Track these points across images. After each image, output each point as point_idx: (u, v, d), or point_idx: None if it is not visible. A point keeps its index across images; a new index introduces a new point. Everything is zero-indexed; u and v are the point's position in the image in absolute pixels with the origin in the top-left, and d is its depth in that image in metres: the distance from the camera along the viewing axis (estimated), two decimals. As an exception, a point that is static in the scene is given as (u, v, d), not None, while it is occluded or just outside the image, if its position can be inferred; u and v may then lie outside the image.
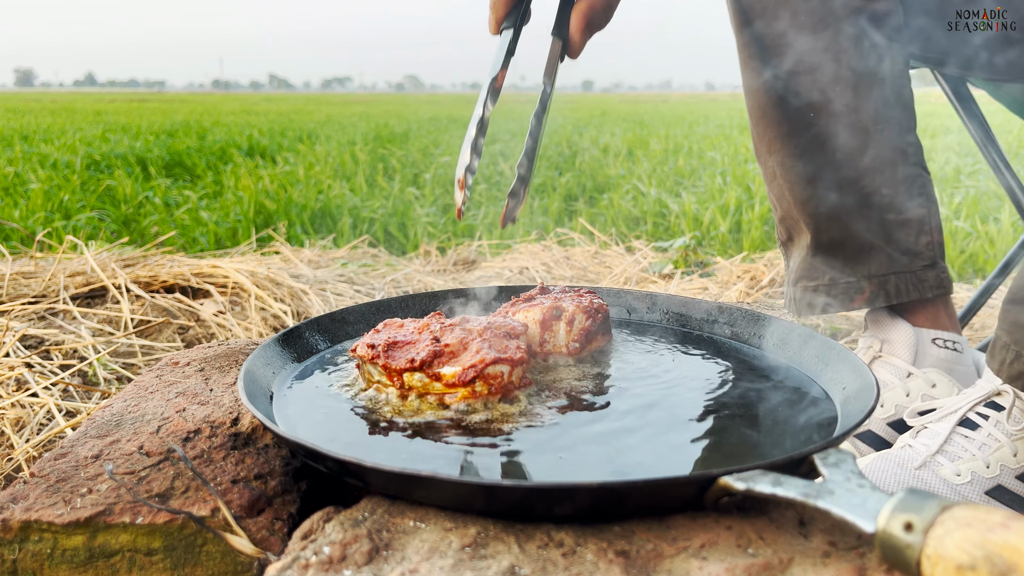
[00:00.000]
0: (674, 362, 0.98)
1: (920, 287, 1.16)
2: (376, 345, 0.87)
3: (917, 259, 1.16)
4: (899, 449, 1.01)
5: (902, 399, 1.14)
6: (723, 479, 0.61)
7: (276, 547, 0.68)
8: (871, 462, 1.01)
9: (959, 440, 0.98)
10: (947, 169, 4.99)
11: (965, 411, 0.99)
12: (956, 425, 0.99)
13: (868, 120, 1.12)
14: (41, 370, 1.42)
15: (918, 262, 1.16)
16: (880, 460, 1.00)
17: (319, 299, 1.95)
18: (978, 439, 0.97)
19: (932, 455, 0.97)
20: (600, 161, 5.99)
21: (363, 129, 10.13)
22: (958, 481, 0.95)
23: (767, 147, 1.21)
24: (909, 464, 0.98)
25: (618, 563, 0.59)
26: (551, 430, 0.77)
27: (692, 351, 1.03)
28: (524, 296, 1.03)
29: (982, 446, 0.97)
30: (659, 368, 0.96)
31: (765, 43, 1.15)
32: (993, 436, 0.97)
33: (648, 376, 0.93)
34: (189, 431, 0.83)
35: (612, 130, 9.44)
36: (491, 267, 2.45)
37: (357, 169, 5.43)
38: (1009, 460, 0.96)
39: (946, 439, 0.98)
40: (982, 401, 0.99)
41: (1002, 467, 0.96)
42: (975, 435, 0.97)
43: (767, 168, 1.23)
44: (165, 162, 6.21)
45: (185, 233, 3.45)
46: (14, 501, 0.70)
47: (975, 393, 1.01)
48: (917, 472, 0.97)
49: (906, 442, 1.01)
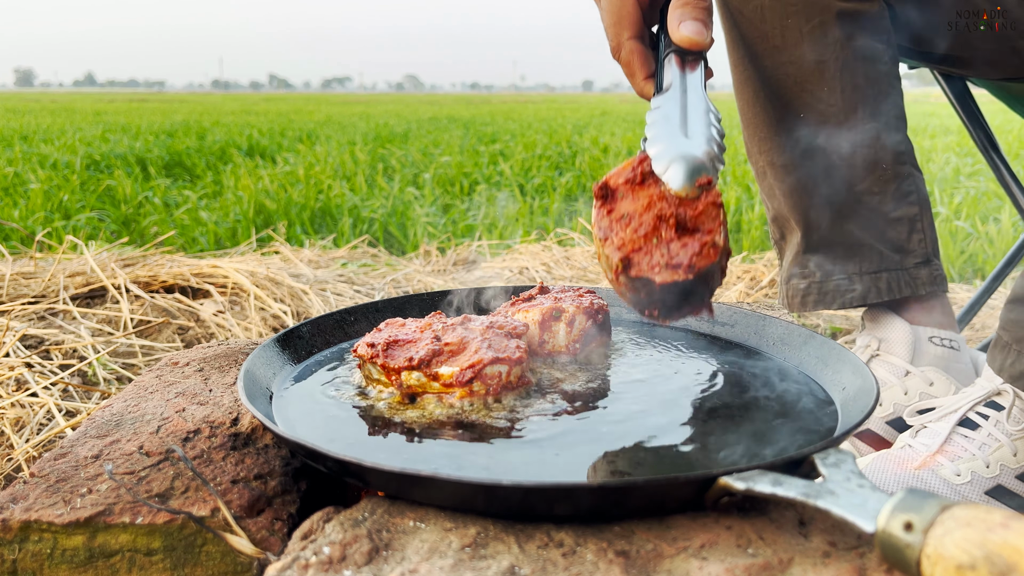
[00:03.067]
0: (674, 362, 0.98)
1: (913, 284, 1.16)
2: (376, 344, 0.87)
3: (909, 256, 1.17)
4: (899, 449, 1.01)
5: (900, 397, 1.15)
6: (723, 479, 0.61)
7: (276, 547, 0.68)
8: (871, 462, 1.01)
9: (959, 440, 0.98)
10: (947, 170, 4.99)
11: (965, 411, 0.99)
12: (956, 425, 0.99)
13: (857, 119, 1.13)
14: (41, 370, 1.42)
15: (910, 259, 1.17)
16: (880, 460, 1.00)
17: (319, 299, 1.95)
18: (978, 439, 0.97)
19: (932, 455, 0.98)
20: (600, 161, 5.99)
21: (363, 129, 10.13)
22: (958, 481, 0.95)
23: (757, 146, 1.22)
24: (909, 464, 0.98)
25: (618, 563, 0.59)
26: (551, 430, 0.77)
27: (692, 351, 1.03)
28: (524, 296, 1.03)
29: (982, 446, 0.97)
30: (659, 368, 0.96)
31: (753, 43, 1.15)
32: (993, 436, 0.97)
33: (648, 376, 0.93)
34: (189, 431, 0.83)
35: (612, 130, 9.43)
36: (491, 267, 2.45)
37: (357, 169, 5.43)
38: (1009, 460, 0.96)
39: (946, 439, 0.98)
40: (982, 401, 0.99)
41: (1002, 467, 0.96)
42: (975, 435, 0.97)
43: (758, 167, 1.24)
44: (165, 162, 6.21)
45: (185, 233, 3.45)
46: (14, 501, 0.70)
47: (975, 393, 1.01)
48: (917, 472, 0.97)
49: (906, 442, 1.01)
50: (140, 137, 8.42)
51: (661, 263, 0.68)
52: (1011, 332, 0.94)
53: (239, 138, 8.29)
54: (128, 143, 7.51)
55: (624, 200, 0.72)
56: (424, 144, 7.67)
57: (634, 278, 0.68)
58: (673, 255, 0.67)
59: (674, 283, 0.66)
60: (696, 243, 0.67)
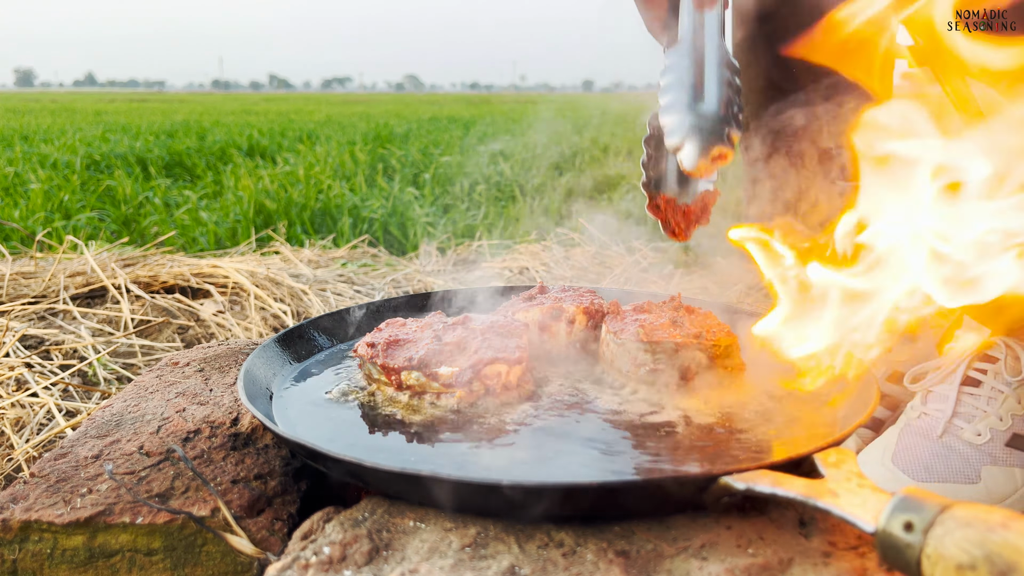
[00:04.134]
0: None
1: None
2: (376, 344, 0.87)
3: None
4: (917, 419, 1.01)
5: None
6: (723, 479, 0.61)
7: (276, 547, 0.68)
8: (898, 438, 1.01)
9: (968, 400, 0.99)
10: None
11: (964, 370, 1.00)
12: (961, 385, 1.00)
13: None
14: (41, 370, 1.42)
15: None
16: (906, 435, 1.00)
17: (319, 299, 1.95)
18: (984, 395, 0.98)
19: (949, 420, 0.98)
20: (600, 161, 5.98)
21: (363, 129, 10.12)
22: (980, 441, 0.96)
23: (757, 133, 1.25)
24: (932, 433, 0.99)
25: (618, 563, 0.59)
26: (551, 430, 0.77)
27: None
28: (524, 295, 1.03)
29: (990, 401, 0.98)
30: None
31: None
32: (997, 389, 0.98)
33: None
34: (189, 431, 0.83)
35: (612, 130, 9.42)
36: (491, 267, 2.45)
37: (357, 169, 5.42)
38: (1016, 408, 0.97)
39: (957, 401, 0.99)
40: (976, 357, 1.01)
41: (1013, 416, 0.97)
42: (981, 391, 0.99)
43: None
44: (165, 162, 6.20)
45: (185, 233, 3.44)
46: (14, 501, 0.70)
47: (964, 347, 1.02)
48: (944, 440, 0.98)
49: (920, 410, 1.02)
50: (140, 137, 8.42)
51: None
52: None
53: (239, 138, 8.29)
54: (128, 143, 7.50)
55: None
56: (424, 144, 7.67)
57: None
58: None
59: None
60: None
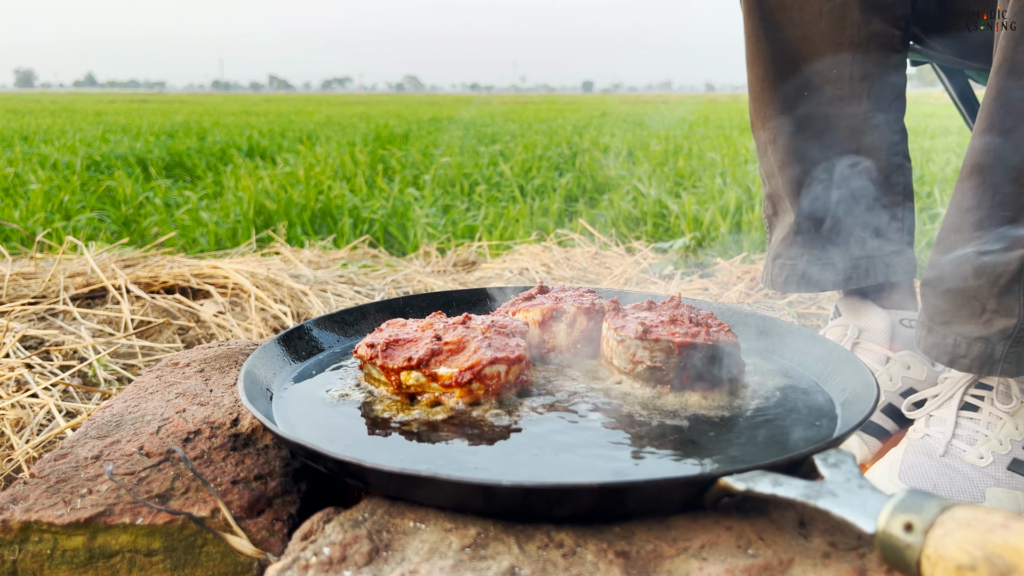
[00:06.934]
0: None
1: (887, 271, 1.19)
2: (375, 344, 0.87)
3: (887, 244, 1.19)
4: (920, 439, 1.02)
5: (887, 384, 1.18)
6: (723, 479, 0.61)
7: (276, 548, 0.68)
8: (903, 456, 1.02)
9: (967, 424, 1.00)
10: (948, 170, 4.99)
11: (960, 396, 1.01)
12: (959, 410, 1.01)
13: (861, 106, 1.15)
14: (41, 371, 1.42)
15: (888, 247, 1.19)
16: (911, 453, 1.02)
17: (319, 300, 1.95)
18: (983, 419, 0.99)
19: (949, 441, 1.00)
20: (600, 162, 5.99)
21: (363, 130, 10.12)
22: (983, 463, 0.97)
23: (762, 121, 1.23)
24: (935, 453, 1.00)
25: (618, 564, 0.59)
26: (551, 430, 0.77)
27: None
28: (524, 296, 1.03)
29: (989, 425, 0.99)
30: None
31: (771, 11, 1.16)
32: (994, 415, 1.00)
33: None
34: (189, 432, 0.83)
35: (612, 131, 9.43)
36: (491, 268, 2.45)
37: (357, 170, 5.42)
38: (1014, 433, 0.99)
39: (955, 424, 1.00)
40: (971, 383, 1.01)
41: (1011, 441, 0.98)
42: (979, 416, 1.00)
43: (760, 143, 1.26)
44: (165, 163, 6.21)
45: (185, 234, 3.44)
46: (14, 502, 0.70)
47: (959, 376, 1.03)
48: (946, 460, 0.98)
49: (923, 431, 1.03)
50: (140, 138, 8.42)
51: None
52: (926, 311, 1.00)
53: (239, 139, 8.29)
54: (128, 144, 7.51)
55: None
56: (424, 145, 7.67)
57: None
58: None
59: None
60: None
